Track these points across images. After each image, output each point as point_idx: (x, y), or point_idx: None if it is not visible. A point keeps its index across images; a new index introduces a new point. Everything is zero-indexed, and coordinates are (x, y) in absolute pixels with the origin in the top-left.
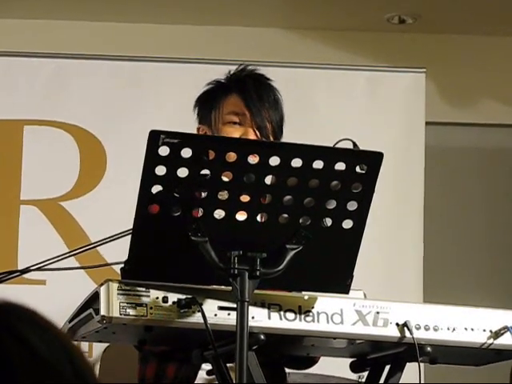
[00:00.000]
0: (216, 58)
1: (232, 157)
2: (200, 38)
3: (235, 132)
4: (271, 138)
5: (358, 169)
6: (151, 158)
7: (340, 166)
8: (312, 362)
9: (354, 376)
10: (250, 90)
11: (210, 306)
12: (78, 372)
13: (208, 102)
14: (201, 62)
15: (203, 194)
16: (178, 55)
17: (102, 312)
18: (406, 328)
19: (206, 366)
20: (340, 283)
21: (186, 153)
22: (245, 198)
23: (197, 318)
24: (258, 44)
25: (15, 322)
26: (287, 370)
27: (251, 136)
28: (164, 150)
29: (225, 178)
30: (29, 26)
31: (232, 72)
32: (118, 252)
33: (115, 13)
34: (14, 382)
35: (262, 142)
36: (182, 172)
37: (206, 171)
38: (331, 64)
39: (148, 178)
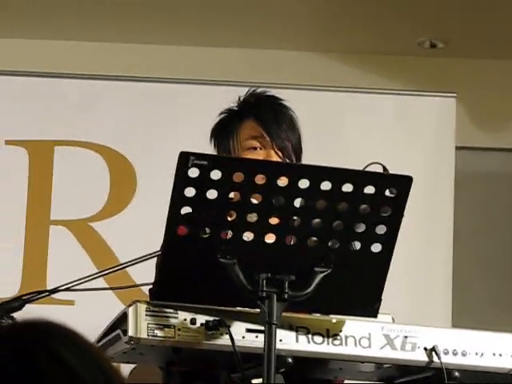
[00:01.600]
0: (244, 80)
1: (261, 179)
2: (229, 60)
3: (257, 156)
4: (293, 157)
5: (387, 192)
6: (181, 180)
7: (369, 189)
8: None
9: None
10: (265, 112)
11: (238, 329)
12: None
13: (224, 132)
14: (230, 84)
15: (232, 216)
16: (208, 77)
17: (130, 333)
18: (434, 352)
19: None
20: (368, 307)
21: (216, 175)
22: (274, 221)
23: (224, 340)
24: (288, 67)
25: (50, 339)
26: None
27: (274, 158)
28: (194, 172)
29: (254, 201)
30: (59, 46)
31: (243, 98)
32: (147, 273)
33: (148, 34)
34: None
35: (291, 164)
36: (212, 194)
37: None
38: (361, 88)
39: (177, 199)
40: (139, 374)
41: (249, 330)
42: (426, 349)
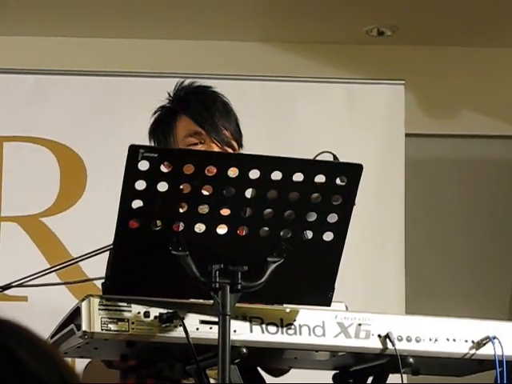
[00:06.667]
0: (194, 72)
1: (212, 171)
2: (178, 52)
3: None
4: (233, 143)
5: (337, 181)
6: (131, 173)
7: (320, 178)
8: (282, 371)
9: None
10: (196, 106)
11: (192, 320)
12: None
13: (160, 131)
14: (179, 76)
15: (183, 208)
16: (156, 69)
17: (84, 327)
18: (388, 339)
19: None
20: (321, 295)
21: (166, 167)
22: (225, 212)
23: (179, 332)
24: (237, 58)
25: (4, 336)
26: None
27: (215, 150)
28: (144, 165)
29: (205, 192)
30: (6, 42)
31: (172, 92)
32: (100, 267)
33: (93, 28)
34: None
35: (241, 155)
36: (162, 186)
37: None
38: (310, 77)
39: (128, 192)
40: (94, 368)
41: (203, 322)
42: (379, 336)
